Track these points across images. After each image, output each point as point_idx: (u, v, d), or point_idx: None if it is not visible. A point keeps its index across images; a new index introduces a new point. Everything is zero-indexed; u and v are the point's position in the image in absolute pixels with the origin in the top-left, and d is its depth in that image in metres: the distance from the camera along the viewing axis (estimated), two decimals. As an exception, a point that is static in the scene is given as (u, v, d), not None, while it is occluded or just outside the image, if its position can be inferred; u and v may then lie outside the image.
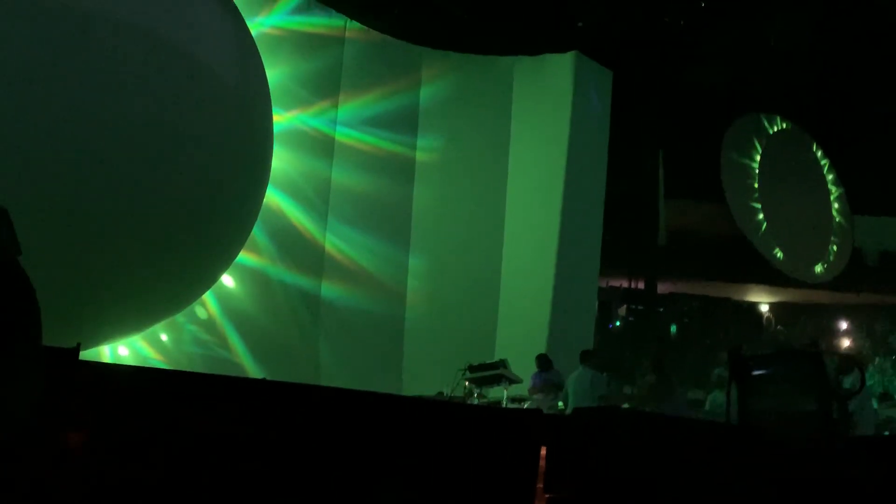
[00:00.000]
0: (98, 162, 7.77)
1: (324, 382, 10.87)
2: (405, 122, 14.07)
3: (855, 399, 7.28)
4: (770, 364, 5.12)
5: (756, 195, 23.45)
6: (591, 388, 9.77)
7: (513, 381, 10.22)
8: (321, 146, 13.04)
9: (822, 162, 25.43)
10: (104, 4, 7.82)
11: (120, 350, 11.27)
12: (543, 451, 4.02)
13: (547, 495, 3.90)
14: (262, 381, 3.79)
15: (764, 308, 24.67)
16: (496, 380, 10.15)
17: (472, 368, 10.19)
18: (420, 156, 14.18)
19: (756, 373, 4.87)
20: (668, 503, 3.88)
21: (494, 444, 3.99)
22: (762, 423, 4.63)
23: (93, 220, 7.87)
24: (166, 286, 9.21)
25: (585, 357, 10.35)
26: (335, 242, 13.10)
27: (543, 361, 10.53)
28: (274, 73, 11.69)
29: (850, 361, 8.89)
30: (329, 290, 12.95)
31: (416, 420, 3.84)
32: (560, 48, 14.32)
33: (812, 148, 25.44)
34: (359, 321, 13.09)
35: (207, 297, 11.68)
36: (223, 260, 10.50)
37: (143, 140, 8.06)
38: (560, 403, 10.16)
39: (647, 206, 21.83)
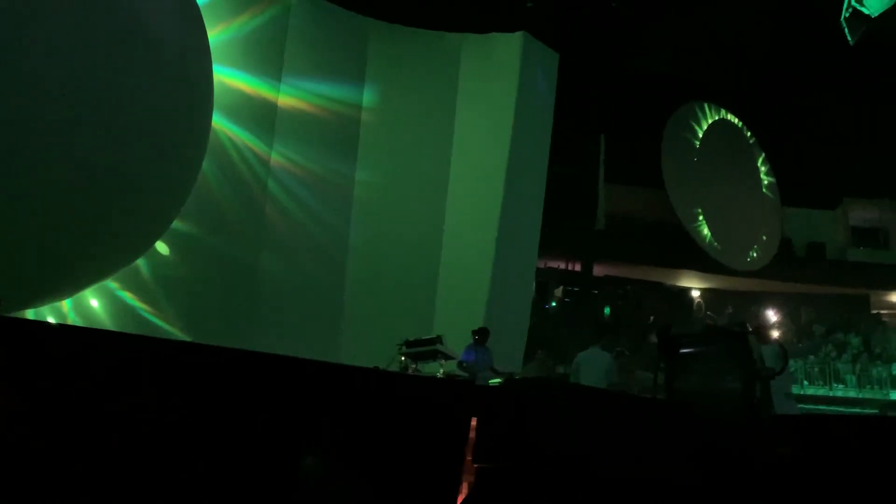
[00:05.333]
0: (27, 124, 7.46)
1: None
2: (350, 97, 13.90)
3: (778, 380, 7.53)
4: (697, 343, 5.25)
5: (694, 183, 23.96)
6: (604, 373, 9.29)
7: (449, 357, 10.23)
8: (262, 114, 12.77)
9: (758, 153, 26.09)
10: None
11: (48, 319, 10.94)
12: (474, 423, 4.05)
13: (476, 466, 3.94)
14: (189, 343, 3.71)
15: (695, 293, 25.33)
16: (432, 355, 10.17)
17: (408, 344, 10.19)
18: (364, 132, 14.03)
19: (684, 351, 5.00)
20: (595, 475, 3.95)
21: (425, 415, 3.99)
22: (688, 400, 4.75)
23: (21, 180, 7.57)
24: (93, 253, 8.95)
25: (599, 335, 10.28)
26: (276, 213, 12.90)
27: (483, 335, 10.52)
28: (216, 36, 11.40)
29: (774, 343, 9.20)
30: (268, 261, 12.75)
31: (347, 388, 3.82)
32: (508, 28, 14.31)
33: (748, 138, 26.08)
34: (298, 295, 12.94)
35: (140, 263, 11.40)
36: (155, 228, 10.25)
37: (72, 100, 7.77)
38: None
39: (587, 189, 22.12)
